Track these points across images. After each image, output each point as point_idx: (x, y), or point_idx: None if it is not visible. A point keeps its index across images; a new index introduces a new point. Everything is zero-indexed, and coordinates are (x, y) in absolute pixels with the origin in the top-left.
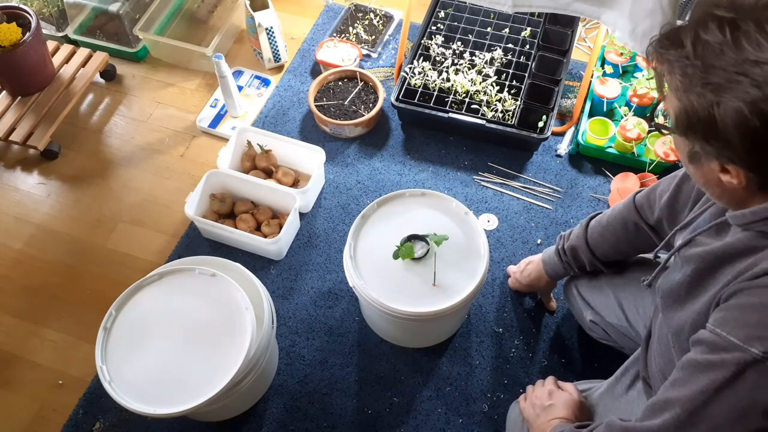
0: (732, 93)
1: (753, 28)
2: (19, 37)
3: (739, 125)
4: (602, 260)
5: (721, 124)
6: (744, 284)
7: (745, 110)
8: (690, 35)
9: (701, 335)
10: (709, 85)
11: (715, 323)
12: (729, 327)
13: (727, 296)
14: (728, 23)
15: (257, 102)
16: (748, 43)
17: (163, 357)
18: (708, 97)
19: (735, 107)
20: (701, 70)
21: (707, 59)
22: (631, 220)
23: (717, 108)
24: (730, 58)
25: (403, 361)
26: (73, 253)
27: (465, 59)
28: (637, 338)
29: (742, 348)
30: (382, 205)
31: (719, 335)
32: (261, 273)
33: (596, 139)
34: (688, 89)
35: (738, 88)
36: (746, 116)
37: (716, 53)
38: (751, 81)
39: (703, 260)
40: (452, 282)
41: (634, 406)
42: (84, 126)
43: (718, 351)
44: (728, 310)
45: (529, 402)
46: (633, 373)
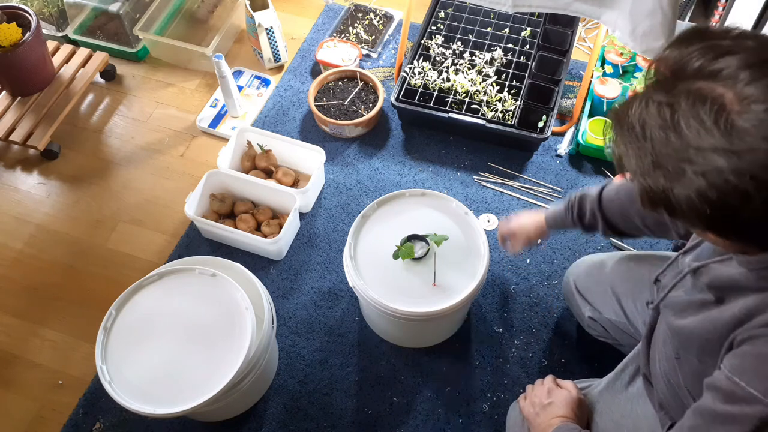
0: (680, 181)
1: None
2: (19, 37)
3: (694, 210)
4: (604, 216)
5: (678, 208)
6: (759, 331)
7: (694, 199)
8: (637, 117)
9: (718, 381)
10: (660, 170)
11: (732, 370)
12: (747, 377)
13: (741, 341)
14: (666, 107)
15: (257, 102)
16: (688, 128)
17: (163, 357)
18: (662, 183)
19: (686, 195)
20: (652, 155)
21: (655, 145)
22: None
23: (671, 193)
24: (674, 144)
25: (403, 361)
26: (73, 253)
27: (465, 59)
28: (636, 334)
29: (762, 401)
30: (382, 205)
31: (737, 384)
32: (261, 273)
33: (596, 139)
34: (644, 173)
35: (685, 176)
36: (696, 204)
37: (662, 140)
38: (693, 170)
39: (712, 287)
40: (452, 282)
41: (633, 402)
42: (84, 126)
43: (737, 402)
44: (744, 357)
45: (529, 401)
46: (633, 369)
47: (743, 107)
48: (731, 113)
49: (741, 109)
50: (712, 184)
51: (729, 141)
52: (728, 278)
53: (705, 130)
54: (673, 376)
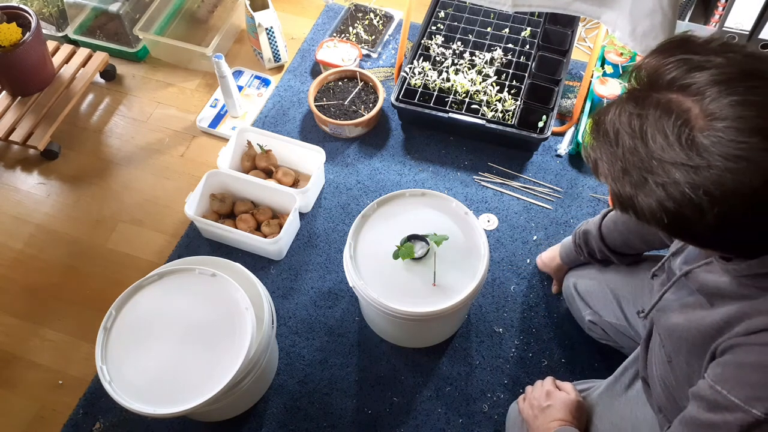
0: (643, 190)
1: (655, 125)
2: (19, 37)
3: (654, 218)
4: (611, 249)
5: (642, 215)
6: (739, 340)
7: (654, 208)
8: (612, 125)
9: (701, 390)
10: (627, 177)
11: (715, 379)
12: (729, 385)
13: (723, 350)
14: (636, 117)
15: (257, 102)
16: (653, 140)
17: (163, 357)
18: (628, 190)
19: (647, 203)
20: (621, 161)
21: (625, 152)
22: None
23: (636, 200)
24: (641, 154)
25: (403, 361)
26: (73, 253)
27: (465, 59)
28: (636, 337)
29: (743, 409)
30: (382, 205)
31: (719, 393)
32: (261, 273)
33: None
34: (614, 179)
35: (647, 186)
36: (656, 213)
37: (630, 149)
38: (654, 180)
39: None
40: (452, 282)
41: (633, 405)
42: (84, 126)
43: (720, 410)
44: (726, 366)
45: (528, 403)
46: (632, 373)
47: (706, 123)
48: (694, 128)
49: (704, 125)
50: (669, 196)
51: (688, 156)
52: (713, 284)
53: (668, 144)
54: (667, 379)
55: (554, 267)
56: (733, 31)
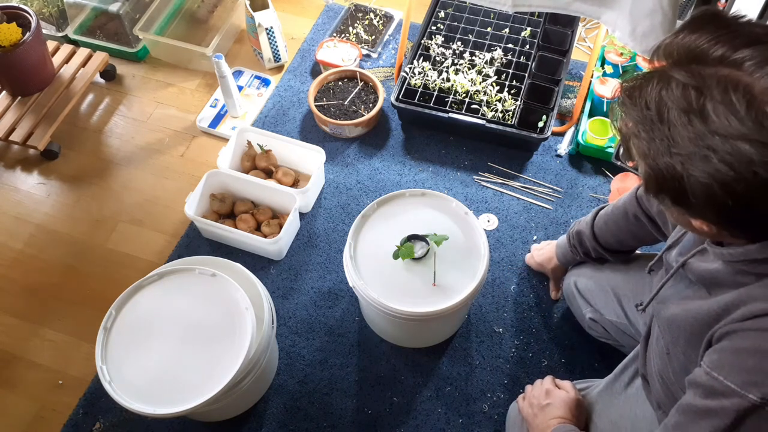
0: (701, 167)
1: (718, 98)
2: (19, 37)
3: (710, 198)
4: (605, 248)
5: (691, 195)
6: (735, 326)
7: (716, 187)
8: (654, 97)
9: (697, 377)
10: (677, 155)
11: (711, 365)
12: (725, 371)
13: (719, 336)
14: (693, 89)
15: (257, 102)
16: (716, 114)
17: (163, 357)
18: (677, 168)
19: (705, 182)
20: (668, 138)
21: (673, 128)
22: (631, 212)
23: (686, 179)
24: (698, 129)
25: (403, 361)
26: (73, 253)
27: (465, 59)
28: (636, 335)
29: (740, 394)
30: (382, 205)
31: (716, 379)
32: (261, 273)
33: (596, 139)
34: (656, 157)
35: (707, 163)
36: (716, 192)
37: (683, 122)
38: (719, 157)
39: (695, 281)
40: (452, 282)
41: (632, 403)
42: (84, 126)
43: (716, 396)
44: (722, 352)
45: (527, 402)
46: (632, 371)
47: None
48: (763, 104)
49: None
50: (738, 174)
51: (760, 131)
52: (708, 273)
53: (736, 118)
54: (665, 372)
55: (551, 268)
56: None
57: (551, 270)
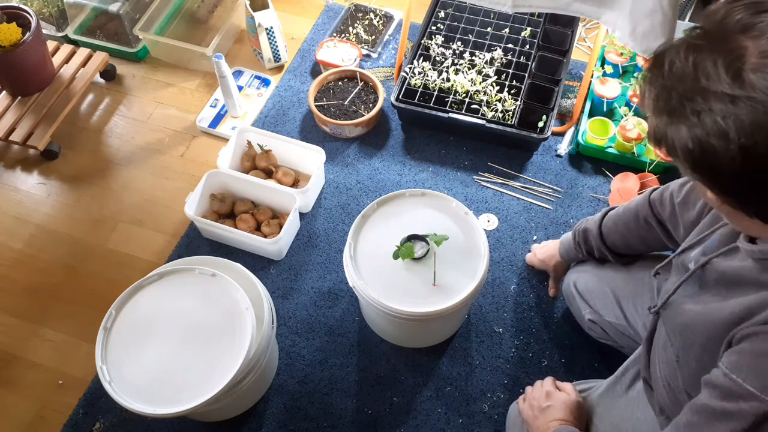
0: (678, 119)
1: (708, 57)
2: (19, 37)
3: (684, 151)
4: (610, 249)
5: (672, 148)
6: (757, 328)
7: (684, 136)
8: (669, 58)
9: (715, 378)
10: (668, 106)
11: (730, 367)
12: (744, 374)
13: (740, 338)
14: (693, 49)
15: (257, 102)
16: (702, 71)
17: (163, 357)
18: (664, 120)
19: (679, 131)
20: (667, 91)
21: (673, 82)
22: (642, 215)
23: (669, 129)
24: (687, 84)
25: (403, 361)
26: (73, 253)
27: (465, 59)
28: (635, 336)
29: (759, 398)
30: (382, 205)
31: (734, 381)
32: (261, 273)
33: (596, 139)
34: (655, 110)
35: (683, 113)
36: (685, 143)
37: (678, 77)
38: (692, 108)
39: (720, 283)
40: (452, 282)
41: (633, 405)
42: (84, 126)
43: (734, 399)
44: (742, 354)
45: (528, 403)
46: (633, 373)
47: (758, 60)
48: (745, 64)
49: (755, 62)
50: (702, 123)
51: (731, 87)
52: (733, 272)
53: (716, 75)
54: (673, 380)
55: (553, 264)
56: None
57: (552, 267)
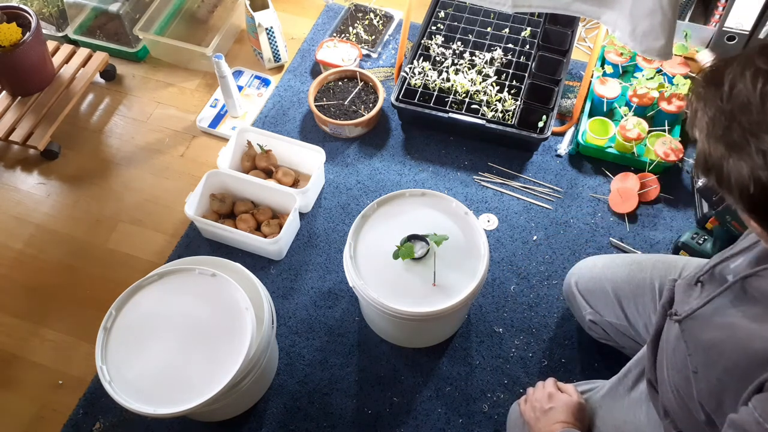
0: (740, 153)
1: None
2: (19, 37)
3: (742, 190)
4: None
5: (726, 179)
6: None
7: (745, 174)
8: (730, 77)
9: (745, 422)
10: (726, 137)
11: (764, 416)
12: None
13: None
14: (763, 76)
15: (257, 102)
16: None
17: (163, 357)
18: (720, 150)
19: (739, 168)
20: (727, 118)
21: (734, 109)
22: None
23: (726, 163)
24: (752, 117)
25: (403, 361)
26: (73, 253)
27: (465, 59)
28: (636, 337)
29: None
30: (382, 205)
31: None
32: (261, 273)
33: (596, 139)
34: (710, 135)
35: (747, 149)
36: (745, 180)
37: (742, 106)
38: (756, 147)
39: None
40: (452, 282)
41: (636, 407)
42: (84, 126)
43: None
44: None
45: (529, 405)
46: (636, 374)
47: None
48: None
49: None
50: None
51: None
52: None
53: None
54: (684, 388)
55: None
56: (733, 31)
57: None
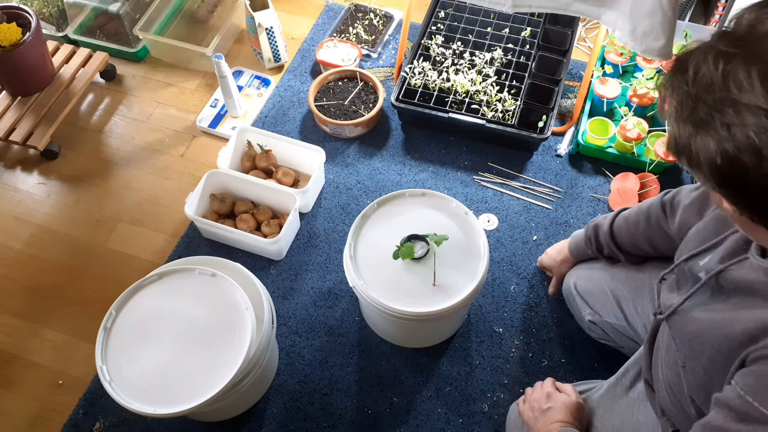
0: (705, 130)
1: (741, 67)
2: (19, 37)
3: (710, 165)
4: (619, 247)
5: (695, 158)
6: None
7: (712, 149)
8: (694, 63)
9: (730, 400)
10: (693, 116)
11: (746, 389)
12: (761, 398)
13: (755, 358)
14: (723, 57)
15: (257, 102)
16: (734, 81)
17: (163, 357)
18: (689, 129)
19: (705, 144)
20: (693, 100)
21: (699, 90)
22: (654, 216)
23: (694, 141)
24: (716, 95)
25: (403, 361)
26: (73, 253)
27: (465, 59)
28: (635, 337)
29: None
30: (382, 205)
31: (751, 405)
32: (261, 273)
33: (596, 139)
34: (678, 117)
35: (711, 125)
36: (712, 155)
37: (705, 86)
38: (722, 120)
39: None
40: (452, 282)
41: (634, 407)
42: (84, 126)
43: (750, 422)
44: (760, 377)
45: (528, 405)
46: (634, 374)
47: None
48: None
49: None
50: (732, 137)
51: (766, 101)
52: (746, 284)
53: (750, 86)
54: (676, 384)
55: (560, 260)
56: None
57: (560, 262)
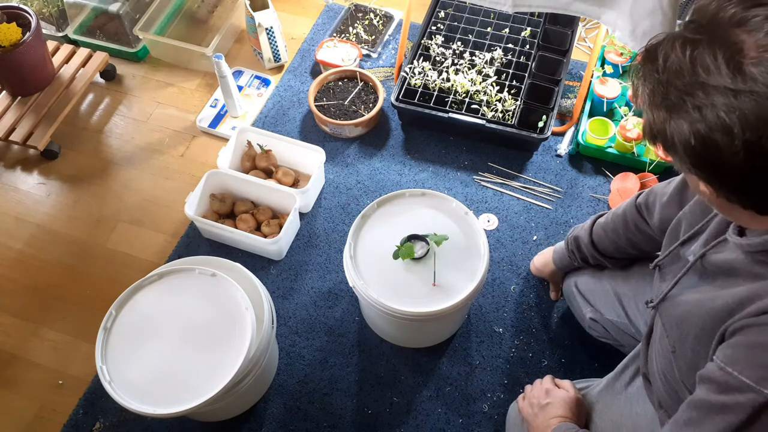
0: (678, 113)
1: (707, 51)
2: (19, 37)
3: (685, 146)
4: (604, 255)
5: (670, 143)
6: (750, 320)
7: (686, 131)
8: (663, 52)
9: (711, 373)
10: (666, 101)
11: (725, 360)
12: (740, 366)
13: (733, 331)
14: (690, 44)
15: (257, 102)
16: (701, 65)
17: (163, 357)
18: (662, 114)
19: (679, 127)
20: (664, 86)
21: (669, 77)
22: (631, 220)
23: (668, 125)
24: (685, 79)
25: (403, 361)
26: (73, 253)
27: (465, 59)
28: (636, 335)
29: (755, 389)
30: (382, 205)
31: (730, 374)
32: (261, 273)
33: (596, 139)
34: (651, 104)
35: (683, 108)
36: (686, 137)
37: (675, 72)
38: (693, 103)
39: (714, 273)
40: (452, 282)
41: (632, 402)
42: (84, 126)
43: (731, 392)
44: (737, 348)
45: (527, 401)
46: (633, 370)
47: (758, 54)
48: (745, 57)
49: (755, 56)
50: (704, 118)
51: (734, 81)
52: (728, 265)
53: (717, 69)
54: (669, 371)
55: (548, 272)
56: None
57: (548, 274)
